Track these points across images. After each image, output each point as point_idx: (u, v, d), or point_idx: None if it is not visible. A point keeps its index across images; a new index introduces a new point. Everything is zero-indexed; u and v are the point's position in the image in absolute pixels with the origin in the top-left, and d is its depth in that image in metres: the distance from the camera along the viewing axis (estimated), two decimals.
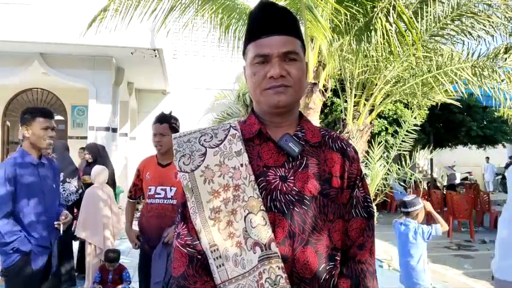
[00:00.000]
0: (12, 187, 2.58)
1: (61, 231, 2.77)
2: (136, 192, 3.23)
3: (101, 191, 4.50)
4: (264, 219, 1.06)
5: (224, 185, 1.09)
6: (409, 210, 3.85)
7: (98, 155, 5.24)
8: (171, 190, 2.98)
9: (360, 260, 1.14)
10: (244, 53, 1.19)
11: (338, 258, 1.13)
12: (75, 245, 4.93)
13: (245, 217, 1.07)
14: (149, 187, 3.04)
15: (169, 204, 2.97)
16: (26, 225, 2.62)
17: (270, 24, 1.12)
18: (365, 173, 4.93)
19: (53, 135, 2.76)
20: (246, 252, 1.05)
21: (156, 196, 3.00)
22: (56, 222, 2.75)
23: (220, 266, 1.06)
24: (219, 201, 1.08)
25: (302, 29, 3.87)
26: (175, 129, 3.07)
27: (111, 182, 5.20)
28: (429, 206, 4.05)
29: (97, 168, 4.67)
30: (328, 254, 1.10)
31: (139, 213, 3.63)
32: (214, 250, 1.07)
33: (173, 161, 3.02)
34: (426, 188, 12.57)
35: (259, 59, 1.11)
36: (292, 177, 1.10)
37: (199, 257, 1.08)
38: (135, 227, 3.31)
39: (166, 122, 3.04)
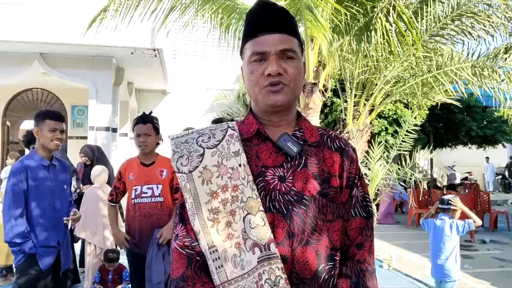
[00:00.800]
0: (25, 187, 2.70)
1: (69, 227, 2.85)
2: (118, 195, 3.20)
3: (100, 191, 4.51)
4: (263, 219, 1.05)
5: (222, 185, 1.09)
6: (448, 206, 4.02)
7: (94, 156, 5.21)
8: (157, 188, 3.01)
9: (359, 260, 1.14)
10: (241, 52, 1.19)
11: (337, 258, 1.12)
12: (77, 244, 4.93)
13: (244, 218, 1.06)
14: (134, 187, 3.04)
15: (157, 202, 3.00)
16: (34, 225, 2.73)
17: (268, 22, 1.12)
18: (365, 173, 4.93)
19: (61, 138, 2.85)
20: (245, 253, 1.05)
21: (143, 195, 3.01)
22: (65, 218, 2.83)
23: (219, 267, 1.05)
24: (218, 202, 1.08)
25: (302, 29, 3.88)
26: (157, 129, 3.11)
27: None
28: (460, 204, 4.06)
29: (97, 169, 4.67)
30: (327, 254, 1.09)
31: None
32: (213, 251, 1.06)
33: (157, 160, 3.07)
34: (426, 188, 12.58)
35: (257, 57, 1.11)
36: (290, 177, 1.10)
37: (198, 258, 1.08)
38: (122, 229, 3.33)
39: (150, 122, 3.06)
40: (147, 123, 3.05)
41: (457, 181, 15.58)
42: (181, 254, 1.09)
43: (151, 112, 3.23)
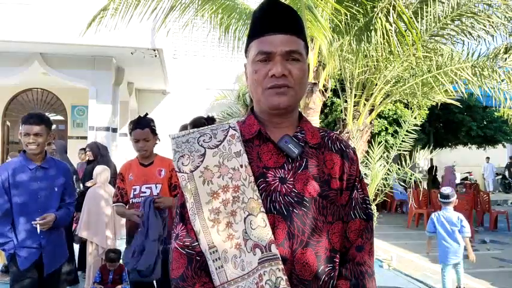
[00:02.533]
0: (7, 189, 2.71)
1: (38, 230, 2.74)
2: (123, 196, 3.13)
3: (102, 191, 4.51)
4: (263, 220, 1.05)
5: (223, 186, 1.08)
6: (451, 200, 4.73)
7: (99, 153, 5.26)
8: (156, 187, 3.02)
9: (358, 262, 1.13)
10: (246, 51, 1.18)
11: (337, 260, 1.12)
12: (76, 245, 4.93)
13: (245, 218, 1.06)
14: (133, 187, 3.05)
15: None
16: (15, 225, 2.74)
17: (275, 22, 1.10)
18: (365, 173, 4.93)
19: (34, 141, 2.74)
20: (246, 254, 1.05)
21: (141, 195, 3.01)
22: (33, 222, 2.74)
23: (219, 267, 1.05)
24: (219, 203, 1.08)
25: None
26: (154, 131, 3.11)
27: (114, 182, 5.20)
28: None
29: (98, 168, 4.68)
30: (327, 255, 1.09)
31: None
32: (214, 252, 1.06)
33: (155, 160, 3.07)
34: (426, 188, 12.58)
35: (262, 57, 1.10)
36: (291, 179, 1.09)
37: (198, 258, 1.07)
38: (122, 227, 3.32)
39: (147, 127, 3.06)
40: (145, 128, 3.04)
41: (457, 181, 15.57)
42: (181, 254, 1.08)
43: (146, 114, 3.22)
